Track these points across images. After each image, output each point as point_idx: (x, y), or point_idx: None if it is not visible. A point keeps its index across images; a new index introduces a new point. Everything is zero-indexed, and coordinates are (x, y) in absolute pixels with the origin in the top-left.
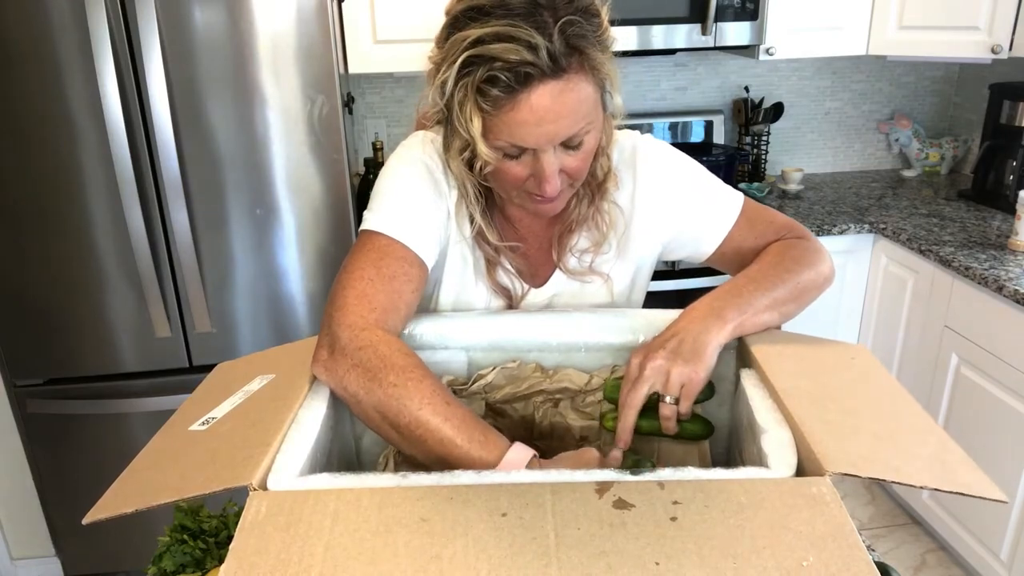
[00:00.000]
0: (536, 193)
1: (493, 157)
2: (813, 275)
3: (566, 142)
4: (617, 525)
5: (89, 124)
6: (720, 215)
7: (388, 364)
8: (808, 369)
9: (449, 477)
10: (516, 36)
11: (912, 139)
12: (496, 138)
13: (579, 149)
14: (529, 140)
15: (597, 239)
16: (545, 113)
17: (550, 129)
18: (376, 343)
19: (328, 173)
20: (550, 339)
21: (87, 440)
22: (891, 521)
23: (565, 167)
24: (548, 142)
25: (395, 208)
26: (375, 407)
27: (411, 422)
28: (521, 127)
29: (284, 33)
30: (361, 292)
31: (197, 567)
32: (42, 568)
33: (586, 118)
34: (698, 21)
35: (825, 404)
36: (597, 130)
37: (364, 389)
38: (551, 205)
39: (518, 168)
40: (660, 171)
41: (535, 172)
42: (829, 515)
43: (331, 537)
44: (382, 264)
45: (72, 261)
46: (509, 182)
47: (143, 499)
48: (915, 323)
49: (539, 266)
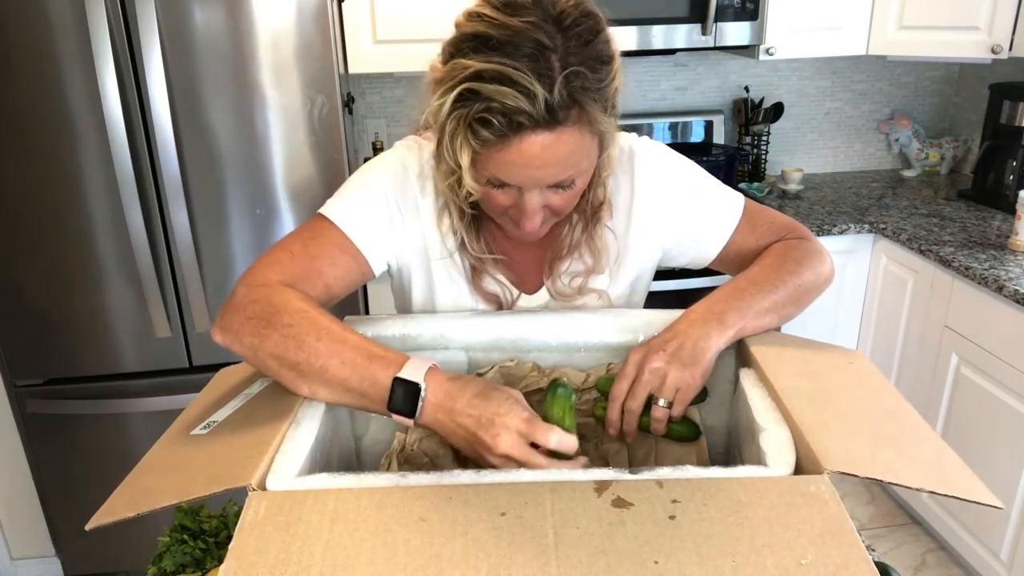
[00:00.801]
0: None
1: (478, 189)
2: (813, 277)
3: (553, 186)
4: (616, 524)
5: (89, 124)
6: (721, 219)
7: (282, 309)
8: (807, 370)
9: (448, 477)
10: (516, 81)
11: (912, 139)
12: (483, 170)
13: (566, 190)
14: (514, 180)
15: (590, 265)
16: (533, 160)
17: (536, 175)
18: (270, 295)
19: (328, 173)
20: (550, 339)
21: (87, 440)
22: (891, 521)
23: (550, 204)
24: (534, 185)
25: (348, 200)
26: (271, 353)
27: (310, 355)
28: (508, 167)
29: (284, 33)
30: (274, 260)
31: (197, 567)
32: (42, 568)
33: (576, 167)
34: (698, 21)
35: (824, 405)
36: (587, 174)
37: (259, 337)
38: (534, 233)
39: (502, 197)
40: (658, 175)
41: (517, 205)
42: (828, 513)
43: (330, 537)
44: (311, 243)
45: (72, 261)
46: (492, 207)
47: (145, 503)
48: (915, 323)
49: (532, 273)
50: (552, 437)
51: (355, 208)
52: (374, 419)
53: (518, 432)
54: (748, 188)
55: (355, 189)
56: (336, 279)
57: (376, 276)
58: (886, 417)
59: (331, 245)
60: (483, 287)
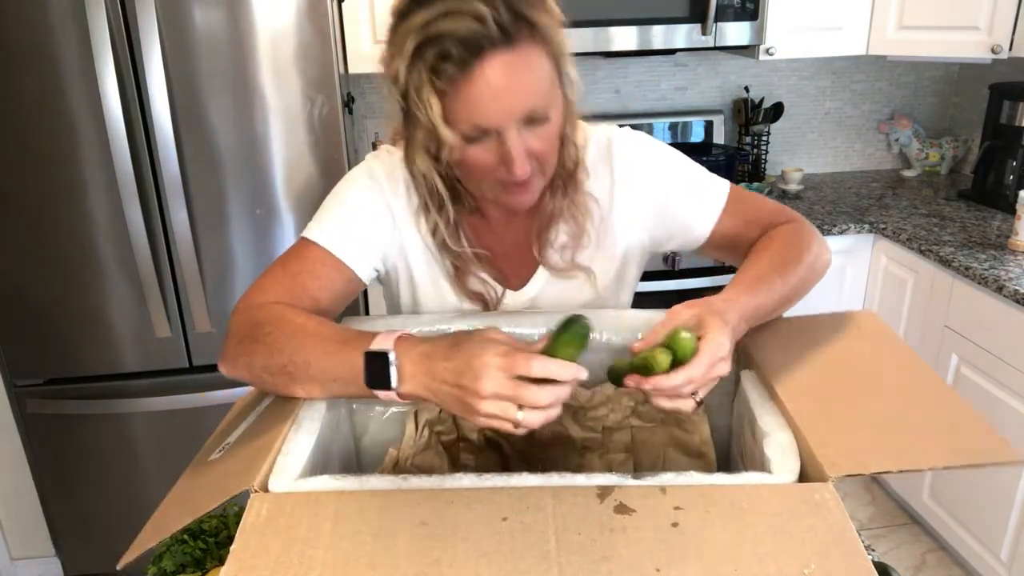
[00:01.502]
0: (508, 181)
1: (456, 142)
2: (815, 261)
3: (528, 120)
4: (618, 530)
5: (89, 124)
6: (707, 201)
7: (263, 321)
8: (810, 358)
9: (450, 480)
10: (461, 10)
11: (912, 139)
12: (456, 121)
13: (542, 127)
14: (489, 117)
15: (575, 232)
16: (500, 86)
17: (507, 103)
18: (254, 314)
19: (328, 173)
20: None
21: (87, 440)
22: (891, 521)
23: (531, 149)
24: (508, 117)
25: (324, 217)
26: (262, 366)
27: (292, 354)
28: (478, 103)
29: (284, 33)
30: (259, 286)
31: (197, 567)
32: (42, 568)
33: (544, 93)
34: (698, 21)
35: (828, 398)
36: (559, 109)
37: (248, 354)
38: (525, 195)
39: (484, 154)
40: (637, 160)
41: (502, 156)
42: (832, 522)
43: (331, 540)
44: (291, 263)
45: (72, 261)
46: (478, 172)
47: (166, 528)
48: (915, 323)
49: (518, 268)
50: (534, 365)
51: (331, 222)
52: (374, 419)
53: (498, 369)
54: (748, 188)
55: (329, 206)
56: (321, 290)
57: (366, 283)
58: (896, 387)
59: (312, 260)
60: (467, 286)
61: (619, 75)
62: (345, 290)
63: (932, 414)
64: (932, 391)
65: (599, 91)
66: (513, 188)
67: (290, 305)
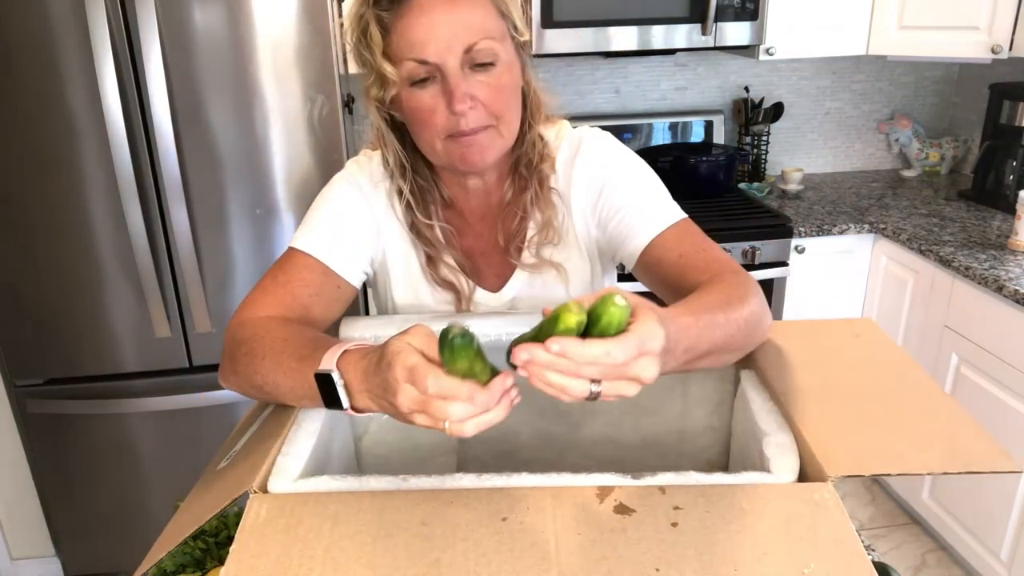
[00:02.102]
0: (456, 132)
1: (398, 79)
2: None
3: (471, 61)
4: (618, 530)
5: (89, 124)
6: (655, 215)
7: (241, 340)
8: (810, 361)
9: (450, 480)
10: None
11: (912, 139)
12: (398, 58)
13: (489, 74)
14: (428, 49)
15: (542, 224)
16: (436, 15)
17: (444, 32)
18: (237, 331)
19: (328, 173)
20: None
21: (87, 440)
22: (891, 521)
23: (476, 94)
24: (447, 50)
25: (308, 225)
26: (249, 384)
27: (265, 376)
28: (416, 32)
29: (284, 33)
30: (250, 299)
31: (197, 567)
32: (42, 568)
33: (486, 33)
34: (698, 21)
35: (828, 400)
36: (510, 65)
37: (235, 373)
38: (476, 152)
39: (428, 99)
40: (598, 158)
41: (446, 97)
42: (831, 522)
43: (331, 540)
44: (279, 273)
45: (72, 261)
46: (424, 119)
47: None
48: (915, 323)
49: (497, 268)
50: (430, 384)
51: (316, 230)
52: (374, 419)
53: (406, 382)
54: (748, 188)
55: (313, 214)
56: (312, 298)
57: (356, 287)
58: (895, 393)
59: (300, 268)
60: (439, 274)
61: (619, 75)
62: (336, 296)
63: (931, 419)
64: (931, 398)
65: (599, 91)
66: (463, 142)
67: (274, 318)
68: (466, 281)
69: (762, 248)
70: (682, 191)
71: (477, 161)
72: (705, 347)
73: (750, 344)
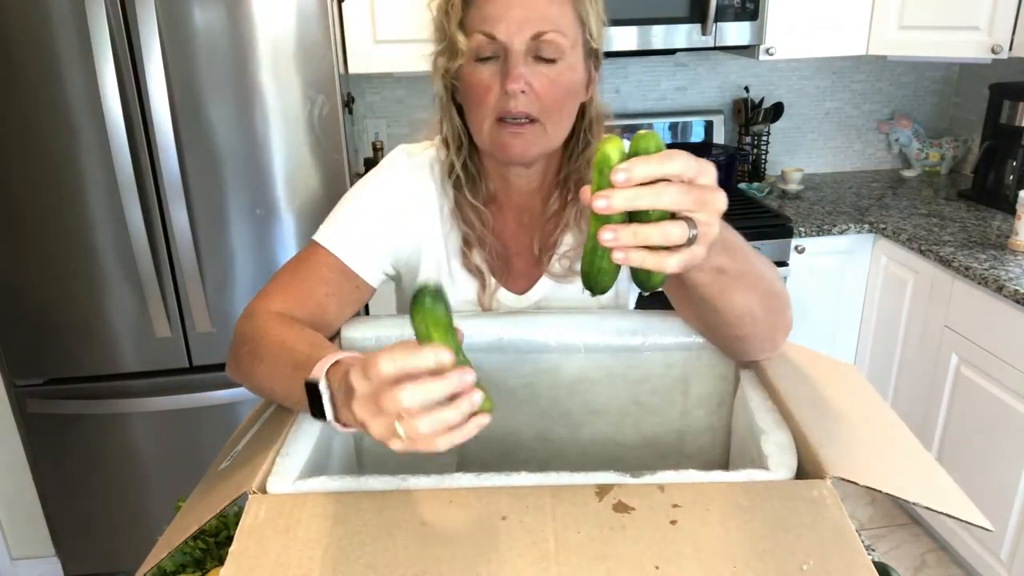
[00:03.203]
0: (505, 112)
1: (467, 49)
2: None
3: (537, 50)
4: (617, 528)
5: (89, 124)
6: None
7: (248, 336)
8: (806, 376)
9: (449, 480)
10: None
11: (912, 139)
12: (472, 28)
13: (550, 68)
14: (499, 26)
15: (580, 242)
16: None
17: (518, 15)
18: (244, 327)
19: (328, 173)
20: (549, 339)
21: (87, 440)
22: (891, 521)
23: (533, 83)
24: (516, 31)
25: (336, 220)
26: (250, 386)
27: (261, 379)
28: (493, 8)
29: (284, 33)
30: (265, 292)
31: (197, 567)
32: (42, 568)
33: (558, 28)
34: (698, 21)
35: (824, 410)
36: (574, 67)
37: (238, 368)
38: (519, 141)
39: (487, 77)
40: None
41: (503, 76)
42: (829, 518)
43: (330, 540)
44: (299, 269)
45: (72, 261)
46: (479, 95)
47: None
48: (915, 323)
49: (527, 269)
50: (383, 363)
51: (342, 227)
52: None
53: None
54: (748, 188)
55: (343, 207)
56: (327, 296)
57: (374, 288)
58: (881, 430)
59: (320, 265)
60: (471, 260)
61: (619, 75)
62: (353, 296)
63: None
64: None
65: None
66: (508, 130)
67: (280, 315)
68: (490, 277)
69: (762, 248)
70: None
71: (517, 153)
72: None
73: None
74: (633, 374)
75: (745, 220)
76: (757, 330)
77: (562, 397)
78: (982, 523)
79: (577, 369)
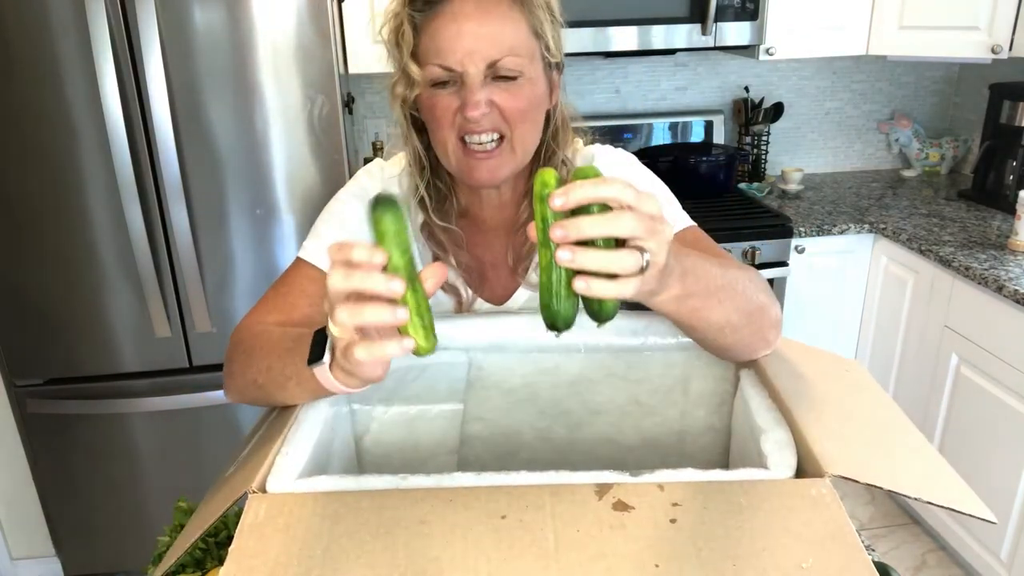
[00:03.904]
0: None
1: (422, 78)
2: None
3: (495, 73)
4: (616, 527)
5: (89, 124)
6: None
7: (238, 340)
8: (806, 374)
9: (448, 479)
10: None
11: (912, 139)
12: (424, 60)
13: (513, 86)
14: (453, 57)
15: None
16: (466, 21)
17: (469, 42)
18: (233, 337)
19: (328, 173)
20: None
21: (87, 440)
22: (891, 521)
23: (495, 99)
24: (469, 60)
25: (316, 235)
26: (246, 383)
27: (258, 365)
28: (444, 37)
29: (284, 33)
30: (254, 309)
31: (197, 567)
32: (42, 568)
33: (512, 49)
34: (698, 21)
35: (824, 408)
36: (536, 83)
37: (231, 375)
38: (485, 167)
39: (447, 100)
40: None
41: (462, 101)
42: (829, 516)
43: (330, 539)
44: (282, 284)
45: (72, 261)
46: (440, 118)
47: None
48: (915, 323)
49: (500, 282)
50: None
51: (320, 240)
52: (375, 419)
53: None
54: (748, 188)
55: (321, 223)
56: (311, 308)
57: None
58: (883, 426)
59: (302, 279)
60: None
61: (619, 75)
62: None
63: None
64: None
65: (599, 91)
66: (475, 155)
67: (275, 324)
68: (467, 290)
69: (762, 248)
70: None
71: (486, 178)
72: (704, 284)
73: (756, 321)
74: (633, 374)
75: (745, 220)
76: (741, 336)
77: (562, 397)
78: (985, 515)
79: (577, 369)
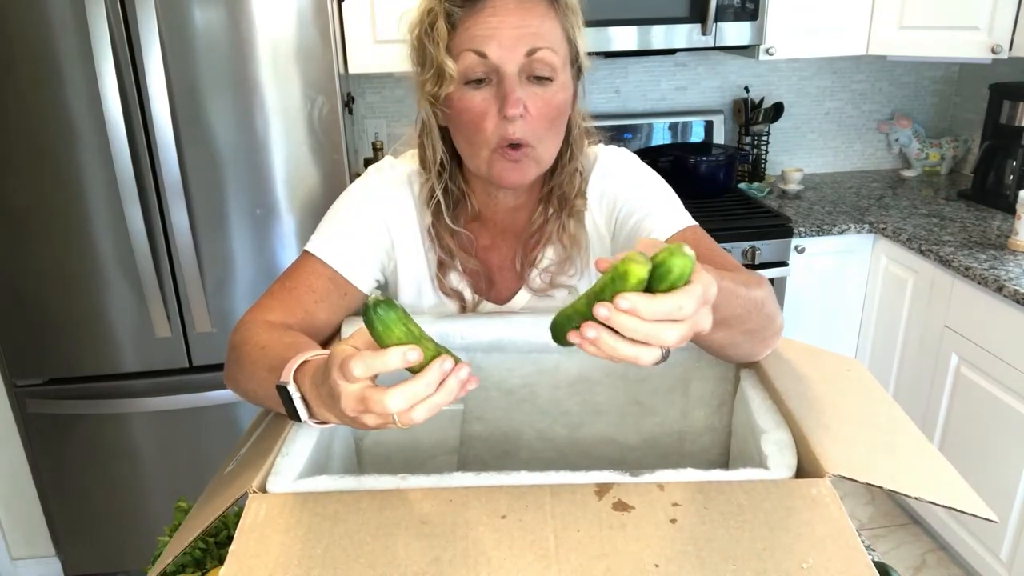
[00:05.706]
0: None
1: (456, 74)
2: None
3: (531, 70)
4: (617, 527)
5: (89, 124)
6: (666, 221)
7: (234, 344)
8: (807, 375)
9: (449, 479)
10: None
11: (912, 139)
12: (459, 49)
13: (545, 89)
14: (491, 44)
15: (562, 257)
16: (506, 16)
17: (509, 34)
18: (233, 335)
19: (328, 173)
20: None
21: (87, 440)
22: (891, 521)
23: (528, 104)
24: (509, 51)
25: (323, 230)
26: (241, 392)
27: (246, 383)
28: (482, 29)
29: (284, 33)
30: (258, 304)
31: (197, 567)
32: (42, 568)
33: (551, 46)
34: (698, 21)
35: (824, 409)
36: (566, 88)
37: (227, 377)
38: (515, 169)
39: (480, 102)
40: (612, 171)
41: (499, 100)
42: (829, 517)
43: (330, 539)
44: (287, 279)
45: (72, 261)
46: (473, 120)
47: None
48: (915, 323)
49: (507, 284)
50: (354, 368)
51: (330, 234)
52: None
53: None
54: (748, 188)
55: (329, 218)
56: (316, 304)
57: (365, 293)
58: (884, 426)
59: (309, 274)
60: (446, 283)
61: (619, 75)
62: (343, 303)
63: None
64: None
65: (599, 91)
66: (510, 157)
67: (267, 323)
68: (472, 294)
69: (762, 248)
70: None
71: (516, 180)
72: (725, 312)
73: (763, 335)
74: (633, 374)
75: (745, 220)
76: (748, 347)
77: (562, 397)
78: (986, 515)
79: (577, 369)
